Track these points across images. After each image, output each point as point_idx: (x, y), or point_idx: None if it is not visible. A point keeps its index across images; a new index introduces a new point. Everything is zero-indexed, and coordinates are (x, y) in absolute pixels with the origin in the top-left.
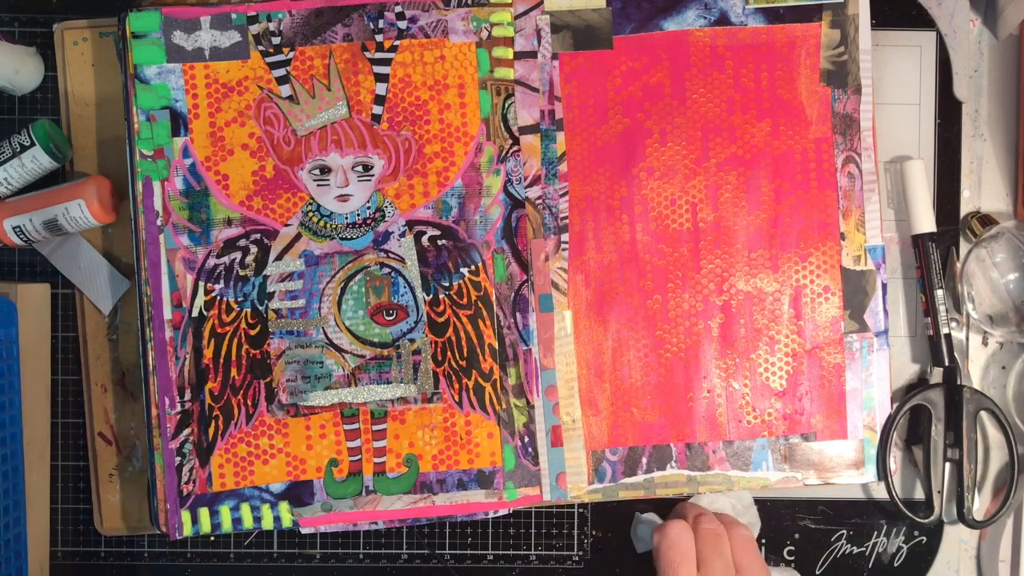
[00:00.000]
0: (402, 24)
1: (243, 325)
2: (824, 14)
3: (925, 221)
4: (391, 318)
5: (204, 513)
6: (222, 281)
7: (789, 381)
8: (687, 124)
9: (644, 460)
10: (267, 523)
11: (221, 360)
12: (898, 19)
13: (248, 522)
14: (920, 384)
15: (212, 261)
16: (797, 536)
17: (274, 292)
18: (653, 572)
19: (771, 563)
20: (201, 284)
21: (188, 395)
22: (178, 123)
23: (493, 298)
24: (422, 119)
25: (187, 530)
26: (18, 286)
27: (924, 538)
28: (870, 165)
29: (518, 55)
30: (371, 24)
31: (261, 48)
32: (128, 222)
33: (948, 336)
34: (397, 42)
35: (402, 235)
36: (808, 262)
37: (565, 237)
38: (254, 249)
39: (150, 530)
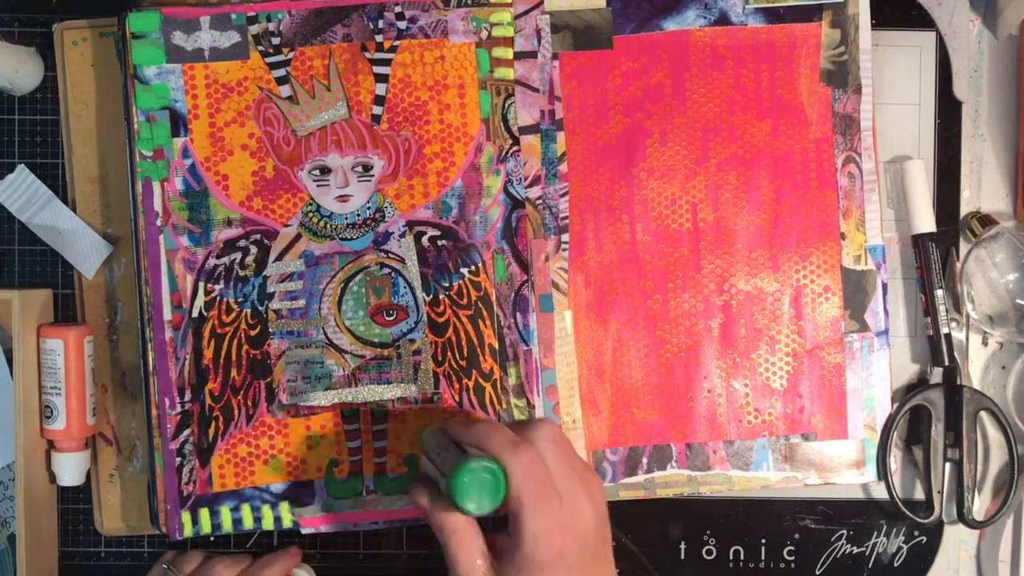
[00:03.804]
0: (402, 24)
1: (243, 325)
2: (824, 14)
3: (925, 221)
4: (391, 318)
5: (204, 514)
6: (222, 281)
7: (789, 381)
8: (687, 124)
9: (644, 460)
10: (267, 523)
11: (221, 360)
12: (898, 19)
13: (248, 522)
14: (920, 384)
15: (212, 262)
16: (797, 536)
17: (274, 292)
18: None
19: (774, 566)
20: (201, 285)
21: (188, 396)
22: (178, 123)
23: (493, 298)
24: (422, 119)
25: (187, 531)
26: (20, 293)
27: (924, 538)
28: (870, 165)
29: (518, 55)
30: (371, 24)
31: (261, 48)
32: (128, 223)
33: (948, 336)
34: (397, 42)
35: (402, 235)
36: (808, 262)
37: (565, 237)
38: (254, 249)
39: (150, 530)
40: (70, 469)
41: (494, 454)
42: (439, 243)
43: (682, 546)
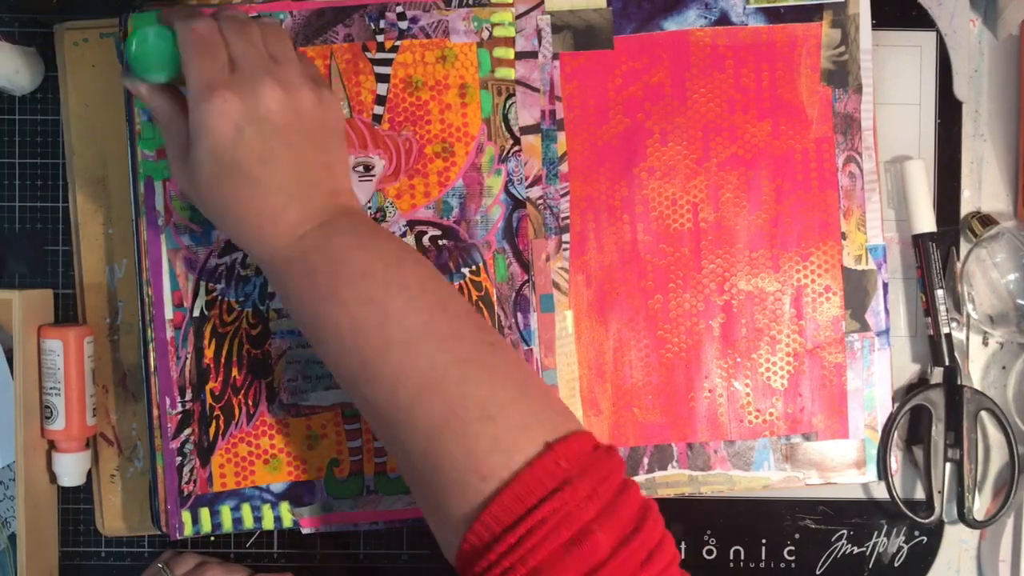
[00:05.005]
0: (403, 24)
1: (244, 325)
2: (825, 14)
3: (925, 221)
4: None
5: (205, 513)
6: (223, 281)
7: (790, 381)
8: (688, 124)
9: (645, 460)
10: (268, 523)
11: (222, 360)
12: (898, 19)
13: (249, 522)
14: (920, 384)
15: (213, 261)
16: (797, 536)
17: (275, 292)
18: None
19: (772, 568)
20: (202, 284)
21: (189, 395)
22: None
23: (494, 298)
24: (423, 119)
25: (188, 530)
26: (20, 293)
27: (924, 538)
28: (871, 164)
29: (519, 55)
30: (372, 24)
31: None
32: (129, 223)
33: (948, 336)
34: (398, 42)
35: (403, 235)
36: (809, 262)
37: (566, 237)
38: None
39: (151, 530)
40: (70, 469)
41: (168, 22)
42: (440, 243)
43: (683, 546)
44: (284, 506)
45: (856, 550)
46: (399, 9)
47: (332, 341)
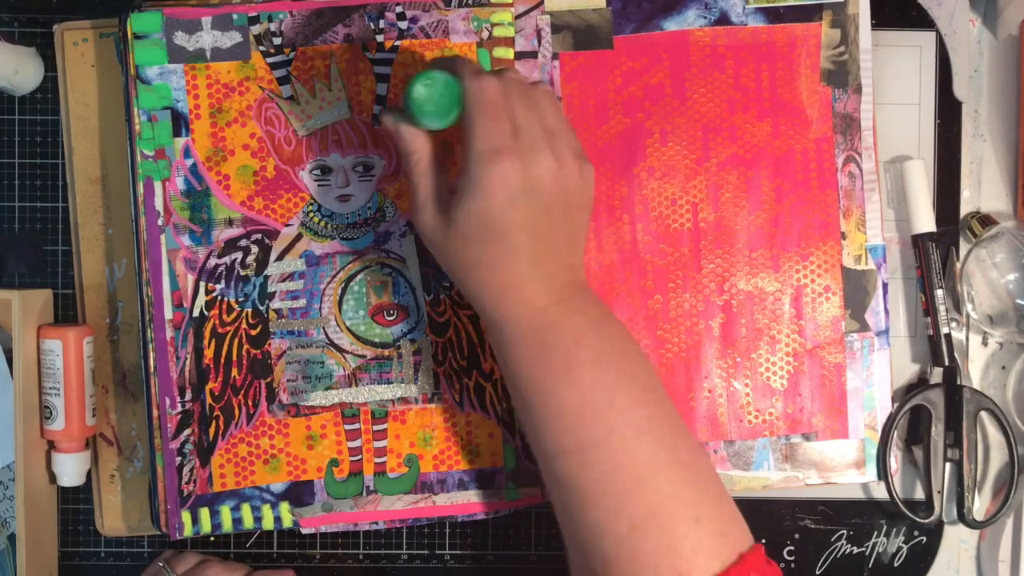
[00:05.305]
0: (403, 24)
1: (244, 325)
2: (824, 14)
3: (925, 221)
4: (392, 318)
5: (204, 513)
6: (223, 281)
7: (790, 381)
8: (687, 124)
9: None
10: (267, 523)
11: (222, 360)
12: (898, 19)
13: (249, 522)
14: (920, 384)
15: (213, 261)
16: (797, 536)
17: (275, 292)
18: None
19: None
20: (202, 284)
21: (189, 395)
22: (179, 123)
23: None
24: None
25: (187, 530)
26: (20, 293)
27: (924, 538)
28: (871, 164)
29: (519, 55)
30: (372, 24)
31: (262, 48)
32: (129, 223)
33: (948, 336)
34: (398, 42)
35: (403, 235)
36: (809, 261)
37: None
38: (255, 249)
39: (151, 530)
40: (70, 469)
41: (455, 72)
42: None
43: None
44: (284, 506)
45: (856, 550)
46: (399, 9)
47: (554, 419)
